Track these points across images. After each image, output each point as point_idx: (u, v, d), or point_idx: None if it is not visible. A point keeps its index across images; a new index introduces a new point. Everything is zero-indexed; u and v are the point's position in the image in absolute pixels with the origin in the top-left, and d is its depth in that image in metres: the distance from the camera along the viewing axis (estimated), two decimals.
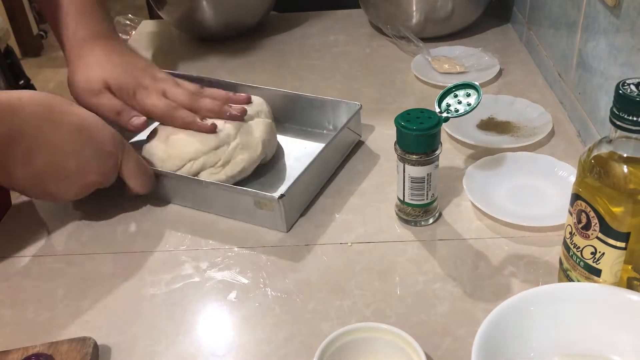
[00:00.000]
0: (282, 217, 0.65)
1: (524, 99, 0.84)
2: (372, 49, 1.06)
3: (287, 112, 0.83)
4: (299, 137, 0.82)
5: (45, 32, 3.52)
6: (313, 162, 0.68)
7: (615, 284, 0.50)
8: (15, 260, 0.66)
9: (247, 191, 0.66)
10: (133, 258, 0.65)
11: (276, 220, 0.65)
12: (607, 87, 0.69)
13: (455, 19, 1.03)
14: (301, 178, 0.66)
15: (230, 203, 0.67)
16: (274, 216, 0.65)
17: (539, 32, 0.93)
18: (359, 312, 0.56)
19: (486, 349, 0.46)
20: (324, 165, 0.72)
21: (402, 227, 0.66)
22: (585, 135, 0.76)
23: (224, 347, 0.54)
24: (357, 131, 0.79)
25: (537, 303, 0.50)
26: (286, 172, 0.76)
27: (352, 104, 0.78)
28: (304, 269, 0.61)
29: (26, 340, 0.55)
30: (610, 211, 0.47)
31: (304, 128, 0.83)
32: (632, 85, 0.44)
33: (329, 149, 0.71)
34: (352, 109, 0.77)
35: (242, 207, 0.67)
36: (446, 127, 0.77)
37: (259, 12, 1.12)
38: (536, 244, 0.62)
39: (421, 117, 0.60)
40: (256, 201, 0.65)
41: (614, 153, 0.46)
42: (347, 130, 0.76)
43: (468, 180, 0.69)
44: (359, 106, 0.77)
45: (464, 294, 0.57)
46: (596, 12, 0.71)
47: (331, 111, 0.80)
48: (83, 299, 0.60)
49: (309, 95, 0.81)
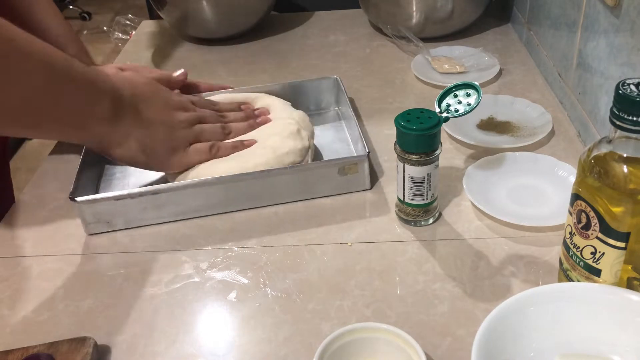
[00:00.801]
0: (367, 175, 0.70)
1: (524, 99, 0.84)
2: (372, 49, 1.06)
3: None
4: None
5: None
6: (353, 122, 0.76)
7: (615, 284, 0.50)
8: (15, 260, 0.66)
9: (330, 162, 0.69)
10: (133, 258, 0.65)
11: (363, 180, 0.70)
12: (607, 87, 0.69)
13: (455, 19, 1.03)
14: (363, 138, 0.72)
15: (309, 182, 0.70)
16: (359, 177, 0.70)
17: (539, 32, 0.93)
18: (359, 312, 0.56)
19: (486, 349, 0.46)
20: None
21: (402, 227, 0.66)
22: (585, 135, 0.76)
23: (224, 347, 0.54)
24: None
25: (537, 303, 0.50)
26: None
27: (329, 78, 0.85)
28: (304, 269, 0.61)
29: (26, 340, 0.55)
30: (610, 211, 0.47)
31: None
32: (632, 85, 0.44)
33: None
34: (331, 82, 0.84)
35: (323, 181, 0.70)
36: (446, 127, 0.77)
37: (259, 12, 1.12)
38: (536, 244, 0.62)
39: (421, 117, 0.60)
40: (340, 168, 0.69)
41: (614, 153, 0.46)
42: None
43: (468, 180, 0.69)
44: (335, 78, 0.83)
45: (464, 294, 0.57)
46: (596, 12, 0.71)
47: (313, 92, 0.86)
48: (83, 299, 0.60)
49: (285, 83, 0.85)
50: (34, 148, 2.45)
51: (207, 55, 1.08)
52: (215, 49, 1.10)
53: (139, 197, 0.67)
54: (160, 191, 0.67)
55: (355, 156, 0.71)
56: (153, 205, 0.67)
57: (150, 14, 1.38)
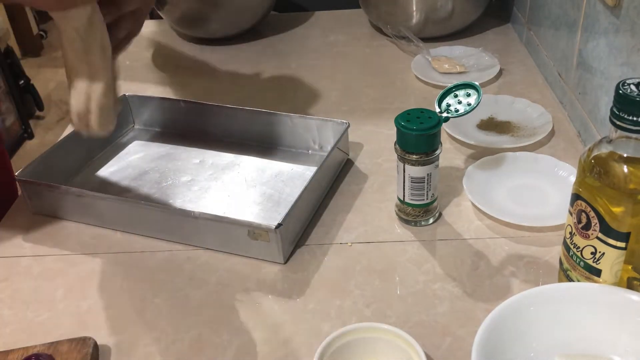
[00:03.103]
0: (279, 248, 0.61)
1: (524, 99, 0.84)
2: (372, 49, 1.06)
3: (271, 133, 0.79)
4: (285, 159, 0.77)
5: (45, 32, 3.52)
6: (306, 187, 0.64)
7: (615, 284, 0.50)
8: (15, 260, 0.66)
9: (239, 221, 0.61)
10: (133, 258, 0.65)
11: (273, 252, 0.61)
12: (607, 87, 0.69)
13: (455, 19, 1.03)
14: (297, 204, 0.62)
15: (223, 235, 0.63)
16: (270, 247, 0.61)
17: (539, 32, 0.93)
18: (359, 312, 0.56)
19: (486, 349, 0.46)
20: (316, 188, 0.68)
21: (402, 227, 0.66)
22: (585, 135, 0.76)
23: (224, 347, 0.54)
24: (345, 150, 0.76)
25: (537, 303, 0.50)
26: (278, 197, 0.71)
27: (339, 123, 0.74)
28: (304, 269, 0.61)
29: (26, 340, 0.55)
30: (610, 211, 0.47)
31: (289, 149, 0.78)
32: (632, 85, 0.44)
33: (321, 172, 0.67)
34: (340, 127, 0.74)
35: (235, 239, 0.62)
36: (446, 127, 0.77)
37: (259, 12, 1.12)
38: (536, 244, 0.62)
39: (421, 117, 0.60)
40: (250, 232, 0.60)
41: (614, 153, 0.46)
42: (336, 150, 0.72)
43: (468, 180, 0.69)
44: (346, 124, 0.73)
45: (464, 294, 0.57)
46: (596, 12, 0.71)
47: (316, 130, 0.76)
48: (83, 299, 0.60)
49: (293, 115, 0.77)
50: (34, 148, 2.46)
51: (207, 55, 1.08)
52: (215, 49, 1.10)
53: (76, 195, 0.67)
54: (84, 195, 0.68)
55: (262, 225, 0.59)
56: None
57: (151, 14, 1.38)
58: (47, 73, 3.18)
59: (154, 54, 1.12)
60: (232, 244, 0.63)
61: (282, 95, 0.94)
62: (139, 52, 1.12)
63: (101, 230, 0.68)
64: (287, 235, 0.61)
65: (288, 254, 0.63)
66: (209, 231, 0.63)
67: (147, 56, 1.11)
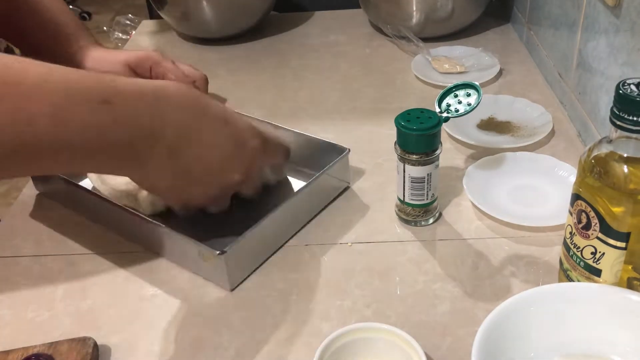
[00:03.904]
0: (225, 274, 0.58)
1: (524, 99, 0.84)
2: (372, 49, 1.06)
3: None
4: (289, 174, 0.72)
5: None
6: (268, 217, 0.60)
7: (616, 284, 0.50)
8: (15, 260, 0.66)
9: (189, 240, 0.58)
10: (133, 258, 0.65)
11: (218, 277, 0.59)
12: (607, 87, 0.69)
13: (455, 19, 1.03)
14: (250, 233, 0.58)
15: (177, 250, 0.61)
16: (217, 272, 0.58)
17: (539, 32, 0.93)
18: (359, 312, 0.56)
19: (486, 349, 0.46)
20: (293, 216, 0.64)
21: (402, 227, 0.66)
22: (586, 135, 0.76)
23: (224, 347, 0.54)
24: (343, 178, 0.70)
25: (537, 303, 0.50)
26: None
27: (338, 148, 0.68)
28: (304, 269, 0.61)
29: (26, 340, 0.55)
30: (610, 211, 0.47)
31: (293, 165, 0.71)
32: (633, 85, 0.44)
33: (297, 199, 0.63)
34: (339, 152, 0.67)
35: (189, 256, 0.60)
36: (446, 127, 0.77)
37: (259, 12, 1.12)
38: (536, 244, 0.62)
39: (421, 117, 0.60)
40: (200, 252, 0.58)
41: (614, 153, 0.46)
42: (328, 176, 0.66)
43: (468, 180, 0.69)
44: (347, 150, 0.68)
45: (464, 294, 0.57)
46: (596, 12, 0.71)
47: (317, 151, 0.70)
48: (83, 299, 0.60)
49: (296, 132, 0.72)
50: None
51: (207, 55, 1.08)
52: (215, 49, 1.10)
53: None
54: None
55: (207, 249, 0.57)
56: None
57: (150, 14, 1.38)
58: None
59: None
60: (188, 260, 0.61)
61: (282, 95, 0.94)
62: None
63: (101, 230, 0.68)
64: (236, 262, 0.58)
65: (238, 282, 0.60)
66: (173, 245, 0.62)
67: None
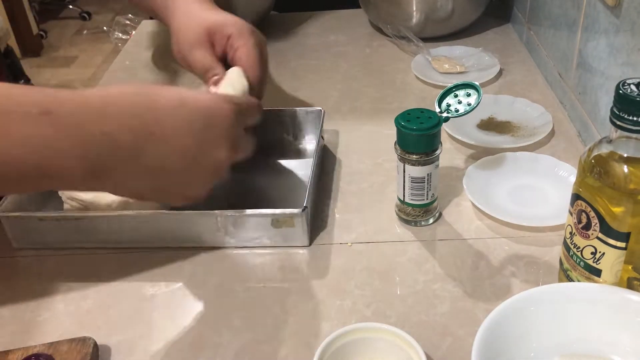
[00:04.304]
0: (304, 231, 0.63)
1: (524, 99, 0.84)
2: (372, 49, 1.06)
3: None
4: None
5: (45, 32, 3.52)
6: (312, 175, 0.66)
7: (616, 284, 0.50)
8: (15, 260, 0.66)
9: (262, 212, 0.62)
10: (133, 258, 0.65)
11: (298, 236, 0.63)
12: (607, 87, 0.69)
13: (455, 19, 1.03)
14: (310, 190, 0.64)
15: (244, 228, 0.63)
16: (295, 232, 0.63)
17: (539, 32, 0.93)
18: (359, 312, 0.56)
19: (486, 349, 0.46)
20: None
21: (402, 227, 0.66)
22: (586, 135, 0.76)
23: (224, 347, 0.54)
24: (323, 135, 0.78)
25: (537, 303, 0.50)
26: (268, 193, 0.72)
27: (311, 110, 0.77)
28: (304, 269, 0.61)
29: (26, 340, 0.55)
30: (610, 211, 0.47)
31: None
32: (633, 85, 0.44)
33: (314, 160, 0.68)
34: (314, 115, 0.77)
35: (255, 230, 0.63)
36: (446, 127, 0.77)
37: (259, 12, 1.12)
38: (536, 244, 0.62)
39: (421, 117, 0.60)
40: (274, 220, 0.62)
41: (614, 153, 0.46)
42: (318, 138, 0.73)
43: (468, 180, 0.69)
44: (321, 111, 0.76)
45: (464, 294, 0.57)
46: (596, 12, 0.71)
47: (290, 120, 0.78)
48: (83, 299, 0.60)
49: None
50: None
51: None
52: None
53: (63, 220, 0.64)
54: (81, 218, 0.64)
55: (286, 211, 0.61)
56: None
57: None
58: (47, 73, 3.19)
59: (154, 54, 1.12)
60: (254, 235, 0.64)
61: (282, 95, 0.94)
62: (139, 52, 1.12)
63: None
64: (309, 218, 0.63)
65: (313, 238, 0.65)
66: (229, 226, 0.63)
67: (147, 56, 1.11)
